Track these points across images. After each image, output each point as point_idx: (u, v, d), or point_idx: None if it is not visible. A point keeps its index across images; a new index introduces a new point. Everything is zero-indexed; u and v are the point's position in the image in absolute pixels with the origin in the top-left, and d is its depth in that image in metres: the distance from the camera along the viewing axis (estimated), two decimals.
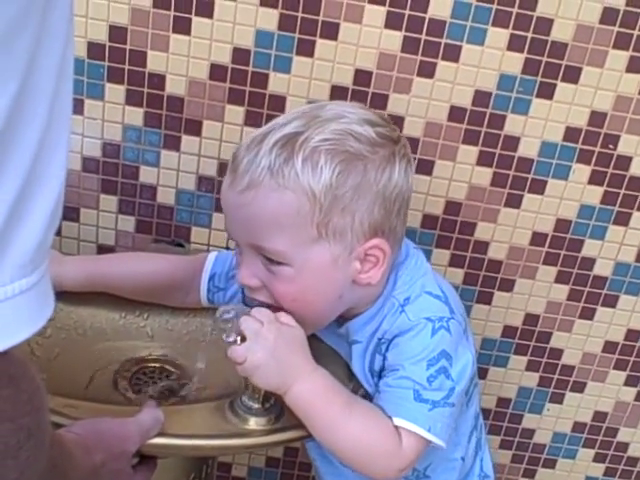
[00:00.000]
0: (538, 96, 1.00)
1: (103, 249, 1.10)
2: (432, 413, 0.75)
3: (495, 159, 1.04)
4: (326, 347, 0.86)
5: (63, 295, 0.87)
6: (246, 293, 0.80)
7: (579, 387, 1.19)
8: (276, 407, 0.75)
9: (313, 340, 0.84)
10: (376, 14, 0.96)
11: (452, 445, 0.83)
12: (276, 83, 1.00)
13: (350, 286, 0.77)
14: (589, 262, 1.10)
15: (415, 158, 1.01)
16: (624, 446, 1.25)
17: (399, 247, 0.80)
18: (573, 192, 1.06)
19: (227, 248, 1.09)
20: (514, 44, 0.97)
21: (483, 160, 1.04)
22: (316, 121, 0.74)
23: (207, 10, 0.96)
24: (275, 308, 0.77)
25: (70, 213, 1.08)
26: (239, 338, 0.71)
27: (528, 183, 1.05)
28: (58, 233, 1.09)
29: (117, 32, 0.97)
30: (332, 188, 0.71)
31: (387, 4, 0.95)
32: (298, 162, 0.71)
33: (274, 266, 0.74)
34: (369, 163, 0.73)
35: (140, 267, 0.92)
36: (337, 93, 0.99)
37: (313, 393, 0.72)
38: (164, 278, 0.91)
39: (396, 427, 0.75)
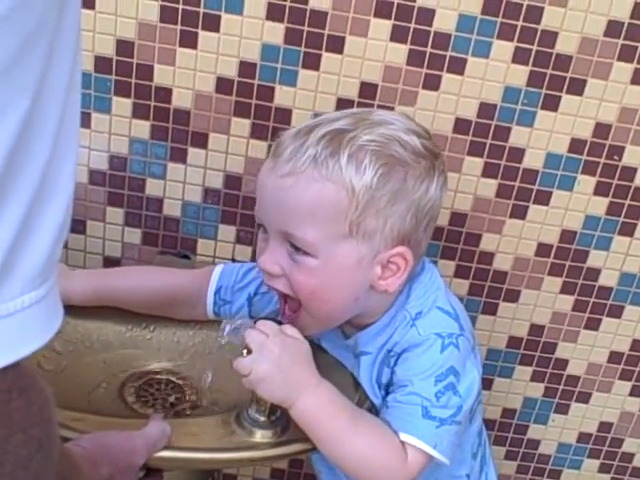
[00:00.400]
0: (543, 108, 1.00)
1: (109, 261, 1.11)
2: (439, 430, 0.75)
3: (500, 170, 1.04)
4: (331, 359, 0.86)
5: (70, 308, 0.87)
6: (265, 280, 0.80)
7: (584, 397, 1.19)
8: (282, 420, 0.75)
9: (318, 352, 0.85)
10: (381, 27, 0.96)
11: (457, 463, 0.83)
12: (282, 96, 1.00)
13: (367, 290, 0.77)
14: (594, 273, 1.10)
15: None
16: (629, 457, 1.25)
17: (419, 261, 0.81)
18: (578, 203, 1.06)
19: (233, 260, 1.10)
20: (519, 57, 0.98)
21: (488, 171, 1.04)
22: (364, 123, 0.75)
23: (214, 24, 0.96)
24: (288, 301, 0.78)
25: (77, 225, 1.09)
26: (245, 351, 0.72)
27: (533, 194, 1.05)
28: (64, 245, 1.09)
29: (124, 46, 0.98)
30: (372, 189, 0.72)
31: (392, 17, 0.96)
32: (344, 157, 0.72)
33: (299, 255, 0.74)
34: (410, 171, 0.74)
35: (146, 282, 0.92)
36: (343, 106, 0.99)
37: (318, 407, 0.72)
38: (170, 292, 0.91)
39: (402, 442, 0.75)
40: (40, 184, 0.41)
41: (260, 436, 0.73)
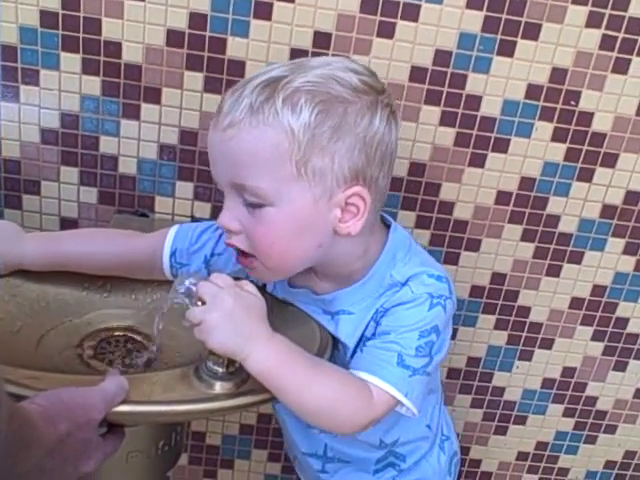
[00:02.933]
0: (499, 54, 1.00)
1: (66, 222, 1.09)
2: (411, 380, 0.76)
3: (458, 119, 1.03)
4: (295, 308, 0.86)
5: (23, 271, 0.86)
6: (225, 239, 0.80)
7: (547, 344, 1.21)
8: (242, 371, 0.73)
9: (284, 304, 0.85)
10: None
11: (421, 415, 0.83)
12: (234, 47, 0.98)
13: (331, 236, 0.76)
14: (554, 219, 1.11)
15: None
16: (592, 400, 1.27)
17: (381, 204, 0.80)
18: (536, 150, 1.06)
19: (192, 217, 1.09)
20: (473, 1, 0.97)
21: (446, 120, 1.04)
22: (301, 68, 0.75)
23: None
24: (245, 258, 0.77)
25: (31, 186, 1.07)
26: (200, 302, 0.71)
27: (491, 142, 1.05)
28: (19, 207, 1.08)
29: None
30: (310, 127, 0.71)
31: None
32: (279, 101, 0.71)
33: (256, 209, 0.74)
34: (350, 107, 0.73)
35: (100, 247, 0.90)
36: (297, 56, 0.98)
37: (274, 358, 0.71)
38: (124, 258, 0.89)
39: (369, 384, 0.75)
40: None
41: (219, 388, 0.73)
